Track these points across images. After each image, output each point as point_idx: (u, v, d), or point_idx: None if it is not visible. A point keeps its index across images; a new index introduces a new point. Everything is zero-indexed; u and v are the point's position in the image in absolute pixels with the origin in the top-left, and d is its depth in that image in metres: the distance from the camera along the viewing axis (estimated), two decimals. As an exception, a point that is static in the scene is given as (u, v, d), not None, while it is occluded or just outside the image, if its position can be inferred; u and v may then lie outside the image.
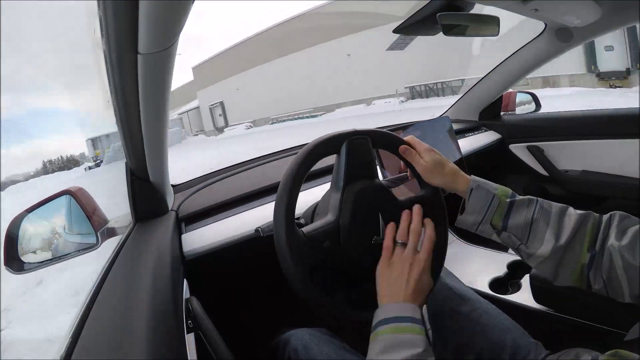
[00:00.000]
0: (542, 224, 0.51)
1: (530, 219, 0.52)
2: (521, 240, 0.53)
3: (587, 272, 0.49)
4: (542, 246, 0.50)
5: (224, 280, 1.01)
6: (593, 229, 0.49)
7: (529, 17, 0.95)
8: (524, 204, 0.53)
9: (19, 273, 0.67)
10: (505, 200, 0.54)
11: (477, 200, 0.55)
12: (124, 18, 0.39)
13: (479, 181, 0.56)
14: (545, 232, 0.51)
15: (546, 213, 0.52)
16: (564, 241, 0.49)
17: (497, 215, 0.54)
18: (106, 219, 0.80)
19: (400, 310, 0.47)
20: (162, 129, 0.65)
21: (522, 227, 0.52)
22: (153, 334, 0.45)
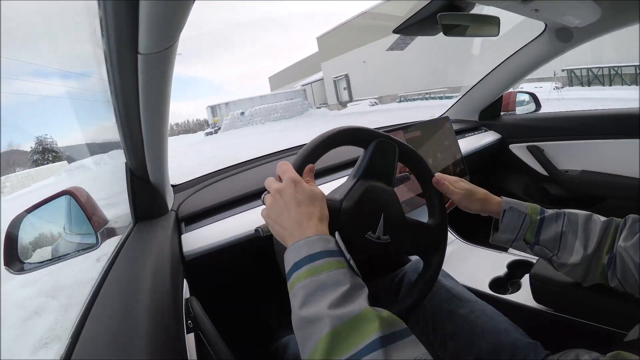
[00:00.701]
0: (571, 236, 0.57)
1: (559, 233, 0.58)
2: (552, 252, 0.58)
3: (607, 272, 0.54)
4: (573, 256, 0.56)
5: (224, 281, 1.01)
6: (614, 233, 0.55)
7: (529, 17, 0.95)
8: (553, 219, 0.59)
9: (19, 273, 0.67)
10: (536, 217, 0.60)
11: (511, 221, 0.60)
12: (124, 18, 0.39)
13: (510, 202, 0.61)
14: (575, 243, 0.56)
15: (574, 224, 0.58)
16: (592, 249, 0.55)
17: (529, 232, 0.60)
18: (106, 219, 0.80)
19: (307, 247, 0.40)
20: (162, 129, 0.65)
21: (552, 240, 0.58)
22: (153, 334, 0.45)
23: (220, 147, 11.78)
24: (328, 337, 0.32)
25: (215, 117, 24.87)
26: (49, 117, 14.75)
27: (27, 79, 14.06)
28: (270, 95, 26.08)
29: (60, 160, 23.51)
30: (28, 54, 14.28)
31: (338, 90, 23.68)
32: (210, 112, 25.69)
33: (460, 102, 1.62)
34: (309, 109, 23.67)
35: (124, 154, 0.71)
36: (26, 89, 14.67)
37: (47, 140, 24.93)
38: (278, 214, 0.45)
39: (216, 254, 0.80)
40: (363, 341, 0.31)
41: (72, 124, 26.06)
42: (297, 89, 26.70)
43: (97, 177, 10.31)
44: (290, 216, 0.44)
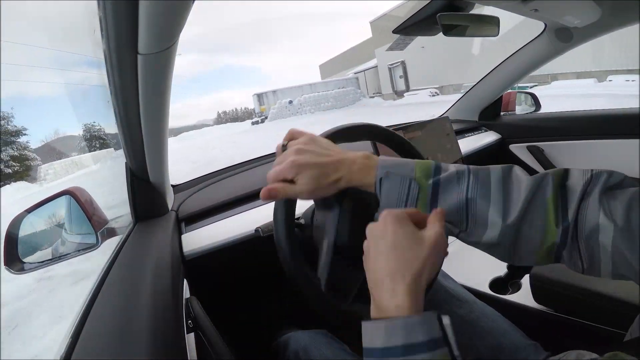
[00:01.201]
0: (482, 203, 0.40)
1: (464, 200, 0.40)
2: (459, 228, 0.41)
3: (560, 251, 0.38)
4: (487, 231, 0.39)
5: (224, 280, 1.01)
6: (556, 195, 0.38)
7: (529, 18, 0.95)
8: (452, 181, 0.41)
9: (19, 273, 0.67)
10: (427, 183, 0.42)
11: (391, 191, 0.42)
12: (124, 18, 0.39)
13: (388, 166, 0.43)
14: (488, 212, 0.39)
15: (484, 186, 0.40)
16: (514, 219, 0.38)
17: (420, 203, 0.41)
18: (106, 219, 0.80)
19: (406, 332, 0.30)
20: (162, 129, 0.65)
21: (455, 210, 0.40)
22: (153, 334, 0.45)
23: (264, 138, 11.17)
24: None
25: (262, 106, 23.83)
26: (100, 105, 15.13)
27: (81, 70, 14.26)
28: (321, 84, 24.65)
29: (107, 148, 23.33)
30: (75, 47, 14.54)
31: (393, 79, 20.98)
32: (256, 101, 24.53)
33: (460, 102, 1.62)
34: (361, 99, 22.05)
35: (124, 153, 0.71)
36: (80, 78, 14.89)
37: (95, 127, 24.73)
38: (374, 258, 0.35)
39: (216, 254, 0.80)
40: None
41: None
42: (349, 77, 24.97)
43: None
44: (383, 266, 0.34)
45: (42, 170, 16.41)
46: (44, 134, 19.45)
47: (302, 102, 22.02)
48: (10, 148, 16.64)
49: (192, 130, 27.54)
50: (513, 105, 1.64)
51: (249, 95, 26.27)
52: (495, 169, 0.41)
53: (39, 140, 19.51)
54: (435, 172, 0.42)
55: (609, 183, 0.37)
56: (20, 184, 14.12)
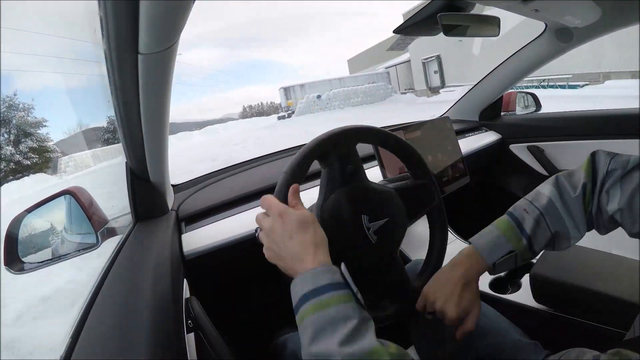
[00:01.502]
0: (561, 227, 0.54)
1: (549, 235, 0.54)
2: (553, 248, 0.56)
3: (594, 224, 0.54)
4: (572, 240, 0.54)
5: (224, 280, 1.01)
6: (591, 188, 0.53)
7: (529, 18, 0.95)
8: (535, 226, 0.54)
9: (19, 273, 0.67)
10: (522, 245, 0.55)
11: (504, 267, 0.56)
12: (124, 18, 0.39)
13: (486, 250, 0.56)
14: (568, 231, 0.53)
15: (555, 216, 0.54)
16: (584, 226, 0.54)
17: (524, 256, 0.56)
18: (106, 219, 0.80)
19: (312, 280, 0.39)
20: (163, 128, 0.65)
21: (547, 242, 0.55)
22: (153, 334, 0.45)
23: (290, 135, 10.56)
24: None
25: (289, 100, 22.52)
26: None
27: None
28: (350, 78, 23.13)
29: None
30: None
31: (427, 74, 19.19)
32: (283, 94, 23.06)
33: (461, 102, 1.62)
34: (392, 94, 20.58)
35: (124, 153, 0.71)
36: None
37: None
38: (276, 251, 0.45)
39: (216, 254, 0.80)
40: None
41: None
42: (380, 72, 23.29)
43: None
44: (287, 251, 0.43)
45: (63, 162, 16.24)
46: (67, 126, 19.27)
47: (331, 97, 20.86)
48: (30, 140, 16.40)
49: (217, 124, 26.67)
50: (513, 106, 1.64)
51: (275, 90, 24.31)
52: (544, 192, 0.56)
53: (62, 132, 19.33)
54: (519, 228, 0.55)
55: (632, 163, 0.53)
56: (39, 176, 13.95)
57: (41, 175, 14.36)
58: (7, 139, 16.23)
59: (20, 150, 15.93)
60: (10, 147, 15.85)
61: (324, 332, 0.36)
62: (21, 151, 15.91)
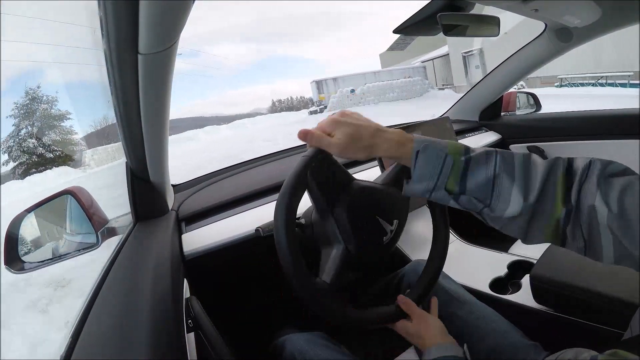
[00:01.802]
0: (506, 180, 0.44)
1: (491, 176, 0.44)
2: (484, 203, 0.45)
3: (564, 228, 0.43)
4: (510, 207, 0.44)
5: (224, 280, 1.01)
6: (564, 178, 0.43)
7: (530, 18, 0.95)
8: (482, 160, 0.45)
9: (19, 272, 0.67)
10: (460, 159, 0.45)
11: (426, 164, 0.46)
12: (124, 18, 0.39)
13: (425, 141, 0.47)
14: (512, 190, 0.44)
15: (509, 166, 0.45)
16: (534, 197, 0.43)
17: (452, 178, 0.45)
18: (106, 219, 0.80)
19: (441, 350, 0.52)
20: (163, 128, 0.65)
21: (483, 187, 0.45)
22: (153, 334, 0.45)
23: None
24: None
25: (321, 94, 21.35)
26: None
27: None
28: (385, 72, 21.98)
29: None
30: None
31: (468, 69, 17.40)
32: (315, 88, 21.93)
33: (461, 102, 1.62)
34: (429, 90, 19.28)
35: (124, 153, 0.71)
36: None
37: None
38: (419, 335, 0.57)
39: (216, 254, 0.80)
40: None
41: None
42: (416, 66, 21.91)
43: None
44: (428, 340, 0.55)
45: (87, 155, 15.95)
46: (92, 119, 19.08)
47: (365, 92, 19.39)
48: (54, 132, 16.14)
49: (245, 118, 25.36)
50: (513, 106, 1.64)
51: (305, 84, 22.82)
52: (517, 153, 0.46)
53: (87, 126, 19.08)
54: (466, 151, 0.46)
55: (608, 171, 0.41)
56: (62, 169, 13.70)
57: (64, 168, 14.12)
58: (30, 132, 15.88)
59: (44, 143, 15.63)
60: (33, 139, 15.56)
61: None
62: (44, 144, 15.62)
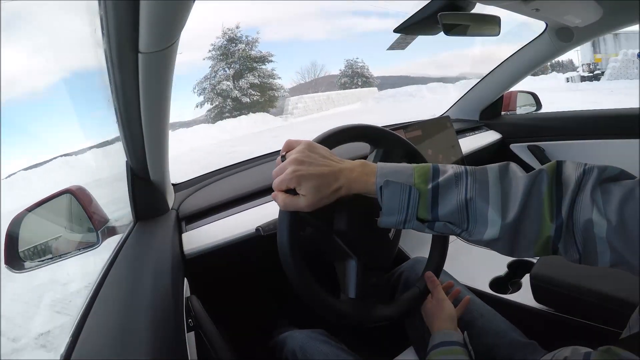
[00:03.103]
0: (480, 203, 0.41)
1: (463, 200, 0.41)
2: (460, 227, 0.42)
3: (554, 244, 0.40)
4: (488, 229, 0.41)
5: (224, 279, 1.01)
6: (551, 191, 0.39)
7: (530, 17, 0.95)
8: (452, 183, 0.43)
9: (20, 272, 0.67)
10: (426, 188, 0.43)
11: (392, 199, 0.43)
12: (124, 17, 0.39)
13: (387, 173, 0.44)
14: (487, 212, 0.41)
15: (482, 186, 0.42)
16: (513, 216, 0.40)
17: (421, 207, 0.43)
18: (107, 218, 0.80)
19: (444, 336, 0.56)
20: (163, 128, 0.65)
21: (456, 212, 0.42)
22: (153, 333, 0.45)
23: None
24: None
25: (597, 55, 15.67)
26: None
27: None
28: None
29: (371, 87, 21.91)
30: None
31: None
32: (589, 47, 15.70)
33: (461, 101, 1.62)
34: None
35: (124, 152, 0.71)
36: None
37: (358, 64, 24.19)
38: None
39: (217, 253, 0.80)
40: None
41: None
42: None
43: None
44: (435, 319, 0.60)
45: (291, 102, 14.91)
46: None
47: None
48: (252, 75, 15.11)
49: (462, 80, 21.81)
50: (514, 105, 1.64)
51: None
52: (492, 168, 0.43)
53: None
54: (434, 176, 0.43)
55: (603, 177, 0.39)
56: (259, 116, 12.89)
57: (262, 115, 13.28)
58: (226, 74, 14.74)
59: (240, 86, 14.58)
60: (229, 82, 14.51)
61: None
62: (240, 87, 14.60)
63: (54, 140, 14.79)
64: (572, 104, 7.73)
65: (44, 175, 8.94)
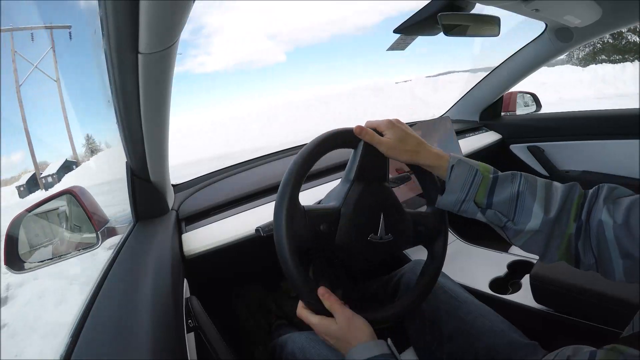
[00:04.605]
0: (529, 197, 0.49)
1: (515, 193, 0.50)
2: (507, 217, 0.50)
3: (575, 243, 0.47)
4: (531, 220, 0.48)
5: (224, 280, 1.01)
6: (579, 200, 0.48)
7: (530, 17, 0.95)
8: (508, 179, 0.52)
9: (19, 272, 0.67)
10: (489, 175, 0.52)
11: (459, 177, 0.52)
12: (124, 18, 0.39)
13: (459, 157, 0.54)
14: (533, 206, 0.49)
15: (532, 186, 0.50)
16: (554, 214, 0.47)
17: (481, 191, 0.51)
18: (106, 219, 0.80)
19: (364, 351, 0.47)
20: (163, 128, 0.65)
21: (508, 202, 0.50)
22: (153, 333, 0.45)
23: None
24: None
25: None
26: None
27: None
28: None
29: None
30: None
31: None
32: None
33: (461, 102, 1.62)
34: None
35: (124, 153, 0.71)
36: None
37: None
38: (335, 343, 0.51)
39: (217, 254, 0.80)
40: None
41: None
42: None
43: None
44: (345, 344, 0.49)
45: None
46: None
47: None
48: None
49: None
50: (514, 106, 1.64)
51: None
52: (540, 178, 0.52)
53: None
54: (494, 171, 0.54)
55: (615, 194, 0.47)
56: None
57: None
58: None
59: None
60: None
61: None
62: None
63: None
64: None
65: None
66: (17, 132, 15.66)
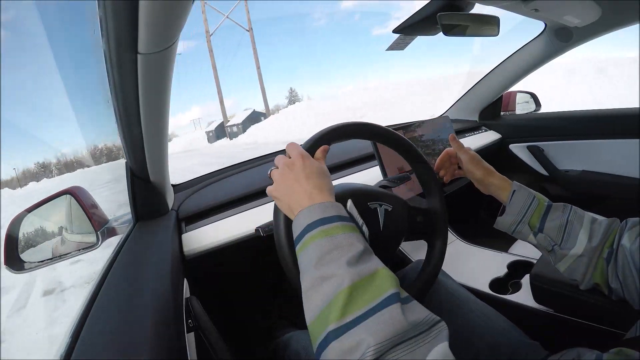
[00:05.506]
0: (577, 226, 0.57)
1: (565, 221, 0.57)
2: (555, 242, 0.58)
3: (606, 268, 0.54)
4: (576, 246, 0.55)
5: (224, 280, 1.01)
6: (617, 230, 0.55)
7: (529, 17, 0.95)
8: (560, 208, 0.59)
9: (19, 272, 0.67)
10: (544, 202, 0.60)
11: (519, 201, 0.60)
12: (124, 18, 0.39)
13: (520, 184, 0.63)
14: (579, 233, 0.56)
15: (579, 217, 0.57)
16: (596, 243, 0.54)
17: (535, 215, 0.59)
18: (106, 219, 0.80)
19: (321, 210, 0.40)
20: (162, 128, 0.65)
21: (557, 228, 0.57)
22: (153, 333, 0.45)
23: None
24: (347, 291, 0.32)
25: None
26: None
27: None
28: None
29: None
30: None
31: None
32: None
33: (460, 101, 1.62)
34: None
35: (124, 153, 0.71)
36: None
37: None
38: (287, 186, 0.45)
39: (216, 254, 0.80)
40: (381, 295, 0.32)
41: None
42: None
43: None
44: (300, 188, 0.43)
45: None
46: None
47: None
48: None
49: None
50: (513, 105, 1.64)
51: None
52: (588, 213, 0.59)
53: None
54: (548, 200, 0.61)
55: (635, 223, 0.53)
56: None
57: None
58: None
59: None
60: None
61: (330, 255, 0.36)
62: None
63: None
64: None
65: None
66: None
